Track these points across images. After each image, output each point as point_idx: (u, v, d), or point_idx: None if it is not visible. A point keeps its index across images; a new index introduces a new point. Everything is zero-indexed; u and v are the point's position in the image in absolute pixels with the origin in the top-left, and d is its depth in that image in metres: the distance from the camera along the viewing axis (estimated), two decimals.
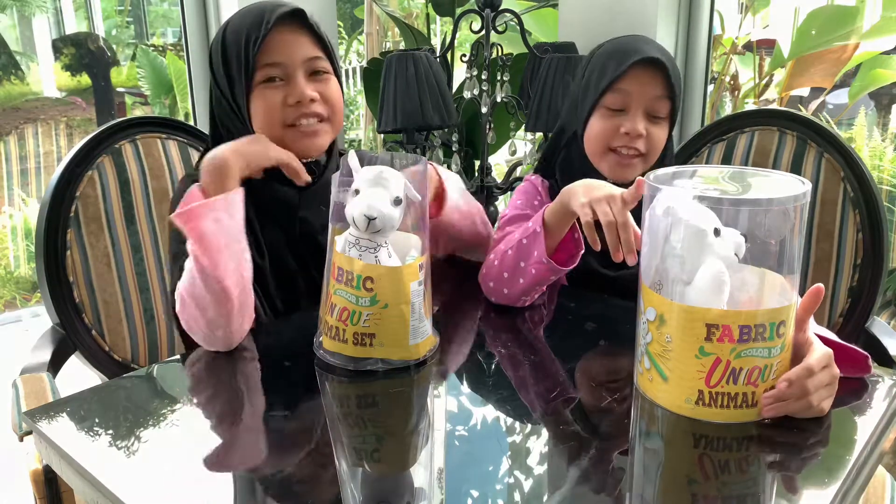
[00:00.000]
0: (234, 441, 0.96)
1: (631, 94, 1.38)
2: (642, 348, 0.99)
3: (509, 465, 0.89)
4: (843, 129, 3.83)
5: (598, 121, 1.41)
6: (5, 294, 4.16)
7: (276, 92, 1.30)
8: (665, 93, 1.38)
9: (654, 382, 0.97)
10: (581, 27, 2.20)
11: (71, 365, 1.57)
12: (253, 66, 1.29)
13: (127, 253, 1.67)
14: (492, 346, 1.26)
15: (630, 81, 1.37)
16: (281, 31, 1.29)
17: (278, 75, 1.30)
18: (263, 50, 1.28)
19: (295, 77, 1.31)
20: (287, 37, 1.30)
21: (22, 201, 4.56)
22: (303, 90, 1.30)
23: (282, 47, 1.30)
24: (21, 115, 5.27)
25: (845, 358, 1.01)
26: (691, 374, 0.92)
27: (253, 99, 1.31)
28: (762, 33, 4.17)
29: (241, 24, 1.30)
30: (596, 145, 1.42)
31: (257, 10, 1.30)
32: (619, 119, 1.39)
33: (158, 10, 7.40)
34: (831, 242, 1.62)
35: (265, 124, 1.31)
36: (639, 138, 1.38)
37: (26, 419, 0.99)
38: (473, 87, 2.15)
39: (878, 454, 0.92)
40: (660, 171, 1.01)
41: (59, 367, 1.53)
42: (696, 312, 0.91)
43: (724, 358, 0.91)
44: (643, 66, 1.36)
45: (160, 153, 1.74)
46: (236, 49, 1.30)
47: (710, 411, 0.93)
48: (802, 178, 0.94)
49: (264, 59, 1.29)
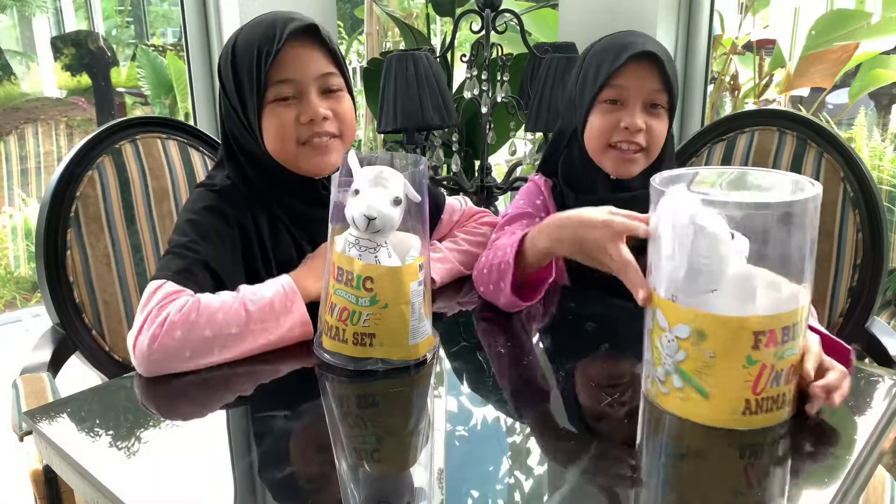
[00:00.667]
0: (234, 441, 0.96)
1: (628, 88, 1.38)
2: (669, 367, 0.94)
3: (509, 465, 0.89)
4: (843, 129, 3.83)
5: (596, 117, 1.41)
6: (5, 294, 4.16)
7: (289, 110, 1.27)
8: (662, 85, 1.38)
9: (691, 401, 0.93)
10: (581, 27, 2.20)
11: (71, 365, 1.57)
12: (265, 84, 1.25)
13: (127, 253, 1.67)
14: (492, 345, 1.26)
15: (626, 76, 1.37)
16: (293, 47, 1.26)
17: (291, 93, 1.27)
18: (275, 66, 1.25)
19: (308, 94, 1.27)
20: (300, 52, 1.27)
21: (22, 201, 4.56)
22: (316, 108, 1.27)
23: (294, 63, 1.26)
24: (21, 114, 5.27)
25: (829, 351, 1.01)
26: (738, 386, 0.90)
27: (265, 116, 1.28)
28: (762, 33, 4.17)
29: (252, 37, 1.27)
30: (596, 142, 1.42)
31: (268, 23, 1.27)
32: (617, 114, 1.39)
33: (158, 10, 7.39)
34: (831, 242, 1.62)
35: (278, 142, 1.28)
36: (639, 132, 1.38)
37: (26, 419, 0.99)
38: (473, 87, 2.15)
39: (877, 454, 0.92)
40: (664, 175, 0.99)
41: (60, 368, 1.53)
42: (742, 322, 0.88)
43: (769, 363, 0.90)
44: (638, 60, 1.36)
45: (160, 153, 1.74)
46: (247, 65, 1.26)
47: (756, 419, 0.91)
48: (812, 180, 0.93)
49: (276, 76, 1.25)
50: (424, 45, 2.80)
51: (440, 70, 2.02)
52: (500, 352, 1.23)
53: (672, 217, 0.91)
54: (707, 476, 0.87)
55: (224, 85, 1.32)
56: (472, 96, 2.16)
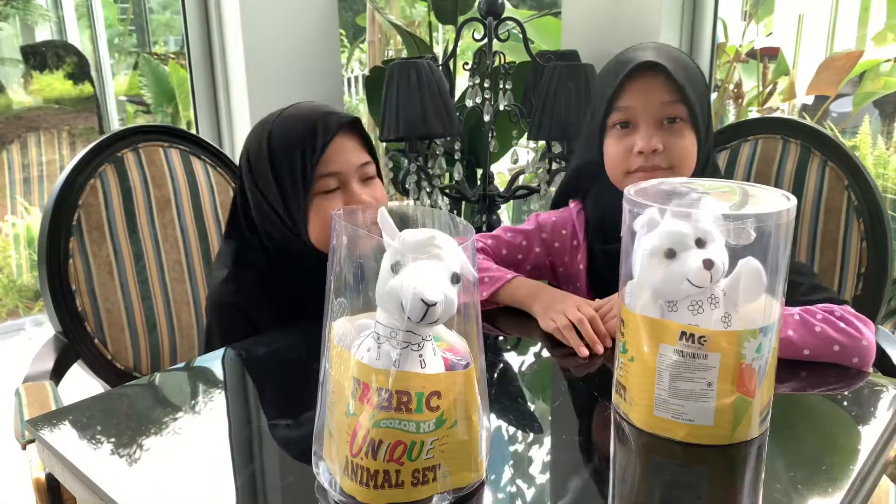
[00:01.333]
0: (237, 450, 0.95)
1: (634, 108, 1.28)
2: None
3: (511, 474, 0.89)
4: (847, 137, 3.82)
5: (610, 145, 1.32)
6: (8, 302, 4.16)
7: (335, 202, 1.31)
8: (674, 96, 1.26)
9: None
10: (584, 35, 2.21)
11: (73, 373, 1.57)
12: (311, 178, 1.29)
13: (129, 261, 1.67)
14: (493, 354, 1.25)
15: (630, 95, 1.28)
16: (336, 140, 1.31)
17: (335, 186, 1.31)
18: (322, 161, 1.29)
19: (350, 184, 1.33)
20: (345, 144, 1.32)
21: (24, 210, 4.56)
22: (360, 198, 1.32)
23: (339, 156, 1.31)
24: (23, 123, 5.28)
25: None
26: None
27: (312, 210, 1.31)
28: (766, 41, 4.17)
29: (291, 133, 1.30)
30: (615, 172, 1.33)
31: (306, 118, 1.31)
32: (630, 138, 1.29)
33: (160, 19, 7.41)
34: (835, 251, 1.62)
35: (324, 233, 1.31)
36: (655, 154, 1.27)
37: (29, 427, 0.99)
38: (476, 96, 2.15)
39: (882, 464, 0.92)
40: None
41: (62, 376, 1.53)
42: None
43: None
44: (641, 75, 1.27)
45: (162, 161, 1.75)
46: (289, 162, 1.29)
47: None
48: (787, 194, 0.91)
49: (322, 170, 1.30)
50: (427, 53, 2.80)
51: (442, 78, 2.02)
52: (501, 360, 1.22)
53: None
54: (709, 487, 0.86)
55: (257, 181, 1.34)
56: (475, 104, 2.16)
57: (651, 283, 0.91)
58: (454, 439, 0.78)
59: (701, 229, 0.89)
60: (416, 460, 0.76)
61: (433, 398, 0.76)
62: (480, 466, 0.82)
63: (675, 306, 0.90)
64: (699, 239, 0.89)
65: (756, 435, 0.91)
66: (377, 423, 0.75)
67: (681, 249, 0.89)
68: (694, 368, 0.88)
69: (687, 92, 1.26)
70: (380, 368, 0.76)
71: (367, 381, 0.76)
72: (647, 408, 0.92)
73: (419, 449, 0.76)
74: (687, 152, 1.29)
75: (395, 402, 0.75)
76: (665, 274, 0.89)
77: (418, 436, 0.76)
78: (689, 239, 0.89)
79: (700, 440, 0.90)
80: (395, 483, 0.77)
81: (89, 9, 6.08)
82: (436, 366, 0.78)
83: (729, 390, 0.88)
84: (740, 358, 0.87)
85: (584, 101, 1.89)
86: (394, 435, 0.75)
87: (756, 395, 0.89)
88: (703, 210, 0.90)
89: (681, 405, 0.90)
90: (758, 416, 0.90)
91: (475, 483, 0.82)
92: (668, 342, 0.89)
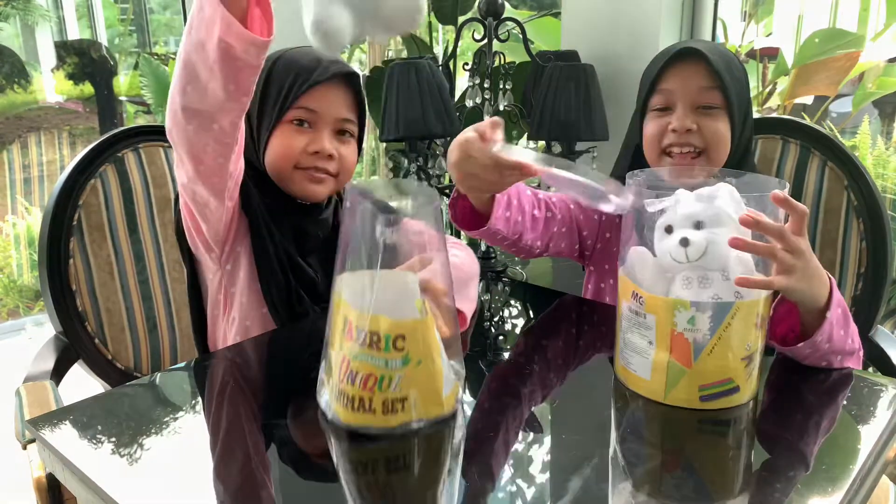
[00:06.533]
0: (238, 450, 0.95)
1: (673, 91, 1.34)
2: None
3: (511, 473, 0.89)
4: (846, 137, 3.82)
5: (649, 125, 1.38)
6: (8, 302, 4.17)
7: (301, 136, 1.32)
8: (711, 83, 1.32)
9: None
10: (583, 35, 2.21)
11: (74, 373, 1.57)
12: (289, 105, 1.30)
13: (129, 261, 1.67)
14: (494, 353, 1.25)
15: (670, 79, 1.35)
16: (329, 84, 1.33)
17: (308, 120, 1.32)
18: (307, 93, 1.30)
19: (322, 129, 1.34)
20: (333, 91, 1.34)
21: (25, 210, 4.57)
22: (326, 144, 1.33)
23: (324, 98, 1.33)
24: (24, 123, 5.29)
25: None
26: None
27: (276, 132, 1.32)
28: (765, 41, 4.17)
29: (295, 60, 1.32)
30: (650, 150, 1.39)
31: (315, 55, 1.32)
32: (666, 118, 1.35)
33: (161, 19, 7.41)
34: (835, 251, 1.62)
35: (279, 160, 1.33)
36: (688, 133, 1.32)
37: (29, 427, 0.99)
38: (476, 96, 2.15)
39: (881, 464, 0.92)
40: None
41: (62, 376, 1.53)
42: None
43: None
44: (682, 61, 1.33)
45: (163, 162, 1.75)
46: (279, 83, 1.31)
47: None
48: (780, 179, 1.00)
49: (303, 102, 1.31)
50: (427, 53, 2.80)
51: (442, 78, 2.02)
52: (502, 359, 1.22)
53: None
54: (708, 483, 0.86)
55: (254, 95, 1.33)
56: (475, 105, 2.16)
57: (653, 254, 1.02)
58: (419, 376, 0.91)
59: (705, 213, 0.97)
60: (385, 391, 0.90)
61: (399, 340, 0.89)
62: (447, 402, 0.95)
63: (674, 280, 0.99)
64: (698, 221, 0.97)
65: (697, 406, 0.98)
66: (354, 357, 0.90)
67: (677, 227, 0.98)
68: (638, 325, 1.01)
69: (725, 79, 1.31)
70: (359, 312, 0.90)
71: (351, 319, 0.91)
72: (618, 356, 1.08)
73: (388, 382, 0.90)
74: (721, 136, 1.33)
75: (367, 340, 0.89)
76: (658, 247, 1.00)
77: (387, 371, 0.90)
78: (687, 220, 0.97)
79: (640, 391, 1.03)
80: (368, 409, 0.91)
81: (89, 9, 6.08)
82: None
83: (663, 354, 0.98)
84: (672, 325, 0.97)
85: (583, 101, 1.89)
86: (367, 367, 0.90)
87: (693, 367, 0.97)
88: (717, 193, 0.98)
89: (630, 356, 1.03)
90: (697, 388, 0.98)
91: (443, 416, 0.95)
92: (625, 299, 1.03)
